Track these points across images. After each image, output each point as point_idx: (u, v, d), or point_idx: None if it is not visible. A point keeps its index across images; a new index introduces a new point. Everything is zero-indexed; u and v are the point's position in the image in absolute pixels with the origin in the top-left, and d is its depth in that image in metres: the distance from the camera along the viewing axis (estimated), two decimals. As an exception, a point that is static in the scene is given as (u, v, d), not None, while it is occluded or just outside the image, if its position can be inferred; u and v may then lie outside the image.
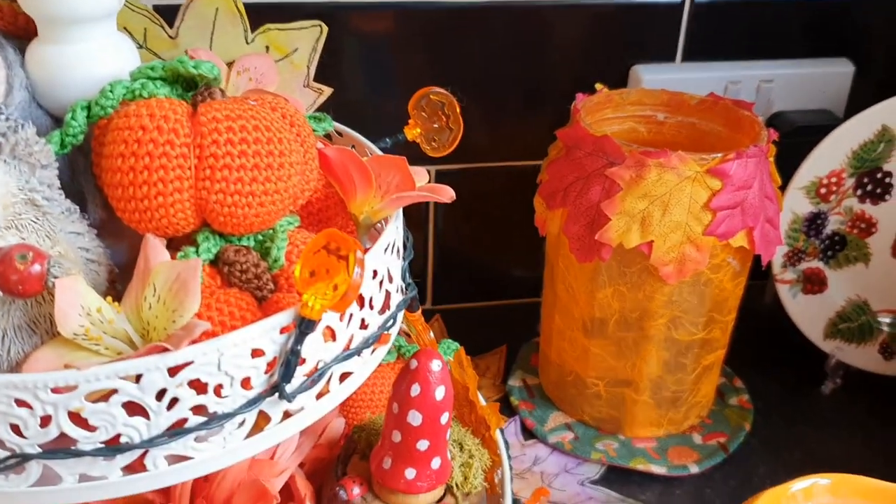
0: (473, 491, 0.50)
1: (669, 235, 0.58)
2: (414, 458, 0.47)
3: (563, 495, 0.62)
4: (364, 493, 0.49)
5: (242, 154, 0.36)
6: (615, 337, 0.64)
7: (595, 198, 0.59)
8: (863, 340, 0.72)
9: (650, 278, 0.60)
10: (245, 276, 0.37)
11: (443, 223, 0.80)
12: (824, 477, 0.42)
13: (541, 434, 0.67)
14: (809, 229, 0.69)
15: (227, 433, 0.35)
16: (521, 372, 0.74)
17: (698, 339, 0.63)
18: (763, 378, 0.74)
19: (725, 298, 0.63)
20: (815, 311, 0.71)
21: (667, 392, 0.65)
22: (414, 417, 0.46)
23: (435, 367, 0.46)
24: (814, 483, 0.42)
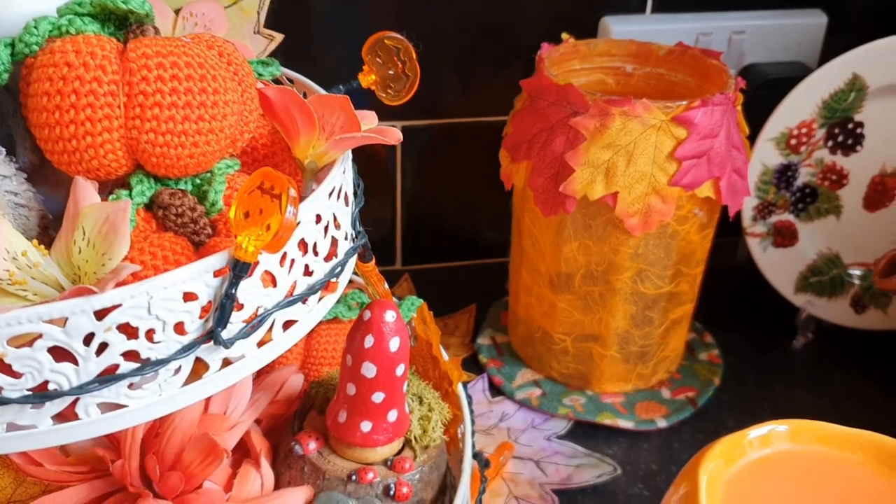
0: (432, 444, 0.49)
1: (634, 186, 0.57)
2: (369, 410, 0.46)
3: (529, 450, 0.61)
4: (320, 447, 0.48)
5: (174, 91, 0.34)
6: (581, 291, 0.63)
7: (559, 149, 0.58)
8: (834, 294, 0.71)
9: (616, 231, 0.59)
10: (181, 220, 0.36)
11: (412, 183, 0.78)
12: (782, 423, 0.41)
13: (508, 391, 0.66)
14: (780, 181, 0.68)
15: (163, 380, 0.34)
16: (490, 330, 0.73)
17: (665, 293, 0.62)
18: (734, 333, 0.74)
19: (693, 251, 0.62)
20: (786, 265, 0.71)
21: (634, 347, 0.65)
22: (368, 369, 0.45)
23: (389, 318, 0.45)
24: (771, 430, 0.41)
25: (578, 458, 0.61)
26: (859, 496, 0.39)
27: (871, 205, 0.70)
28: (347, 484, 0.46)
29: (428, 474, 0.48)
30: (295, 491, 0.47)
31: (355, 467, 0.47)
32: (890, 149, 0.68)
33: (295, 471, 0.48)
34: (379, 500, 0.46)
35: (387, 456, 0.48)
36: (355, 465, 0.47)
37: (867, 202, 0.70)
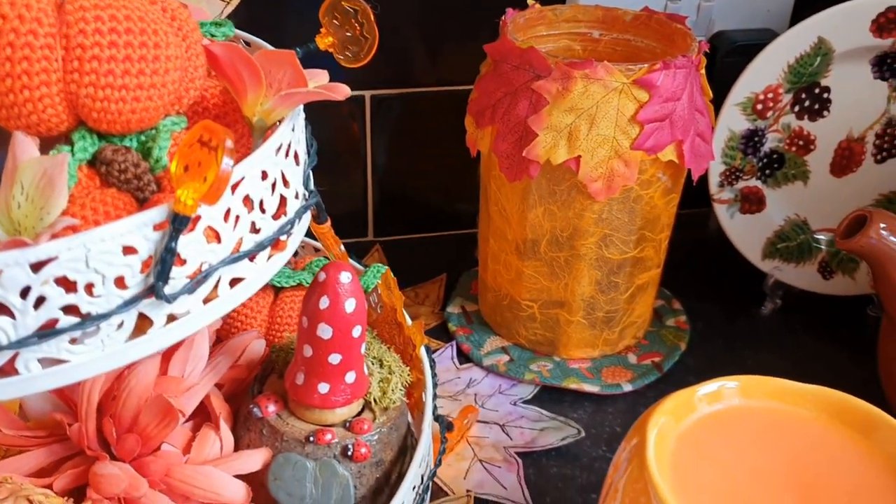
0: (392, 406, 0.49)
1: (597, 150, 0.57)
2: (326, 372, 0.46)
3: (494, 415, 0.61)
4: (279, 410, 0.48)
5: (112, 45, 0.34)
6: (547, 257, 0.63)
7: (522, 113, 0.58)
8: (802, 260, 0.71)
9: (580, 196, 0.59)
10: (124, 177, 0.36)
11: (383, 154, 0.78)
12: (731, 380, 0.41)
13: (476, 358, 0.67)
14: (746, 147, 0.68)
15: (106, 335, 0.34)
16: (460, 299, 0.73)
17: (630, 258, 0.63)
18: (703, 300, 0.74)
19: (657, 216, 0.62)
20: (754, 231, 0.71)
21: (600, 312, 0.65)
22: (324, 331, 0.45)
23: (344, 280, 0.45)
24: (721, 386, 0.41)
25: (543, 421, 0.61)
26: (811, 450, 0.40)
27: (838, 170, 0.70)
28: (305, 445, 0.47)
29: (387, 435, 0.48)
30: (253, 453, 0.47)
31: (313, 429, 0.47)
32: (856, 114, 0.68)
33: (254, 433, 0.48)
34: (337, 460, 0.46)
35: (346, 417, 0.48)
36: (314, 426, 0.47)
37: (834, 167, 0.70)
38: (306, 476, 0.46)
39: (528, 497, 0.55)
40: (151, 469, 0.45)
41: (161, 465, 0.45)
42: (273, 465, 0.47)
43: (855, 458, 0.39)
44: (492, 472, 0.57)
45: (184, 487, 0.45)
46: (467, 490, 0.55)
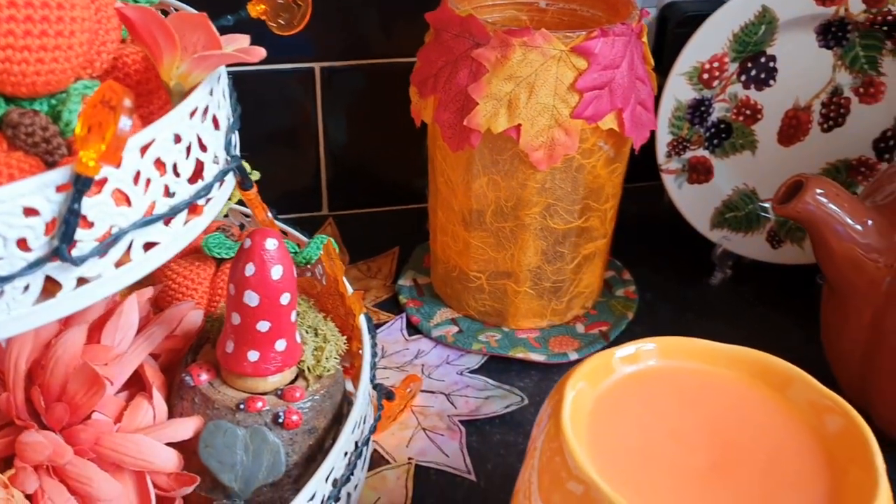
0: (326, 374, 0.49)
1: (537, 119, 0.57)
2: (255, 340, 0.46)
3: (440, 385, 0.62)
4: (212, 378, 0.48)
5: (12, 4, 0.33)
6: (493, 228, 0.63)
7: (463, 82, 0.58)
8: (750, 229, 0.72)
9: (522, 165, 0.59)
10: (32, 140, 0.36)
11: (335, 128, 0.78)
12: (649, 341, 0.42)
13: (425, 329, 0.67)
14: (693, 117, 0.68)
15: (11, 299, 0.33)
16: (412, 272, 0.73)
17: (575, 228, 0.63)
18: (654, 271, 0.75)
19: (601, 186, 0.62)
20: (702, 201, 0.71)
21: (547, 282, 0.65)
22: (251, 298, 0.45)
23: (269, 246, 0.45)
24: (638, 348, 0.41)
25: (488, 390, 0.61)
26: (729, 408, 0.40)
27: (785, 139, 0.70)
28: (236, 413, 0.47)
29: (320, 403, 0.48)
30: (185, 421, 0.47)
31: (244, 397, 0.47)
32: (802, 83, 0.68)
33: (186, 402, 0.48)
34: (268, 427, 0.46)
35: (279, 385, 0.48)
36: (245, 394, 0.47)
37: (782, 137, 0.70)
38: (237, 443, 0.46)
39: (470, 464, 0.55)
40: (81, 437, 0.45)
41: (91, 434, 0.45)
42: (204, 433, 0.47)
43: (772, 415, 0.39)
44: (434, 440, 0.57)
45: (114, 455, 0.45)
46: (409, 458, 0.56)
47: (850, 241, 0.53)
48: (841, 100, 0.68)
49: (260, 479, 0.47)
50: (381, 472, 0.54)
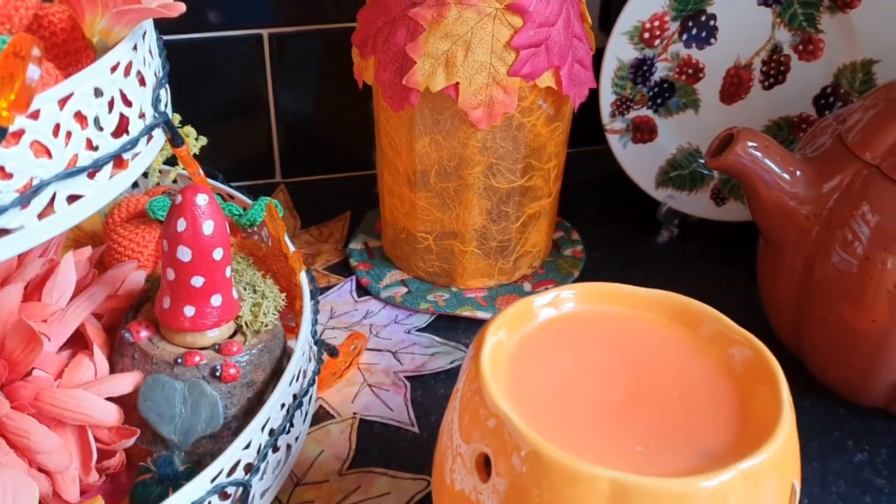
0: (264, 329, 0.50)
1: (474, 77, 0.57)
2: (191, 295, 0.47)
3: (387, 343, 0.63)
4: (152, 335, 0.49)
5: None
6: (437, 188, 0.64)
7: (401, 41, 0.58)
8: (694, 187, 0.73)
9: (462, 124, 0.60)
10: (-52, 93, 0.36)
11: (286, 94, 0.78)
12: (568, 288, 0.43)
13: (375, 291, 0.68)
14: (636, 76, 0.69)
15: (-71, 249, 0.34)
16: (363, 236, 0.74)
17: (518, 187, 0.64)
18: (602, 231, 0.76)
19: (543, 145, 0.63)
20: (646, 161, 0.72)
21: (493, 242, 0.66)
22: (183, 253, 0.46)
23: (200, 202, 0.46)
24: (557, 294, 0.43)
25: (434, 347, 0.62)
26: (645, 348, 0.41)
27: (727, 97, 0.71)
28: (175, 367, 0.48)
29: (258, 357, 0.49)
30: (124, 376, 0.48)
31: (182, 352, 0.48)
32: (743, 41, 0.69)
33: (127, 358, 0.49)
34: (206, 381, 0.47)
35: (217, 340, 0.49)
36: (184, 349, 0.48)
37: (724, 95, 0.71)
38: (175, 396, 0.47)
39: (413, 417, 0.57)
40: (21, 393, 0.46)
41: (31, 390, 0.46)
42: (143, 387, 0.48)
43: (686, 351, 0.41)
44: (379, 396, 0.58)
45: (54, 410, 0.46)
46: (354, 413, 0.57)
47: (779, 190, 0.54)
48: (781, 57, 0.69)
49: (199, 430, 0.48)
50: (325, 426, 0.56)
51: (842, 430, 0.57)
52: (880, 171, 0.52)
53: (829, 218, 0.54)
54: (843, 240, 0.53)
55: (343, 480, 0.52)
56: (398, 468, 0.53)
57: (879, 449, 0.56)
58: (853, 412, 0.58)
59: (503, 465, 0.35)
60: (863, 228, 0.52)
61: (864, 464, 0.55)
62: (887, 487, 0.53)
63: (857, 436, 0.57)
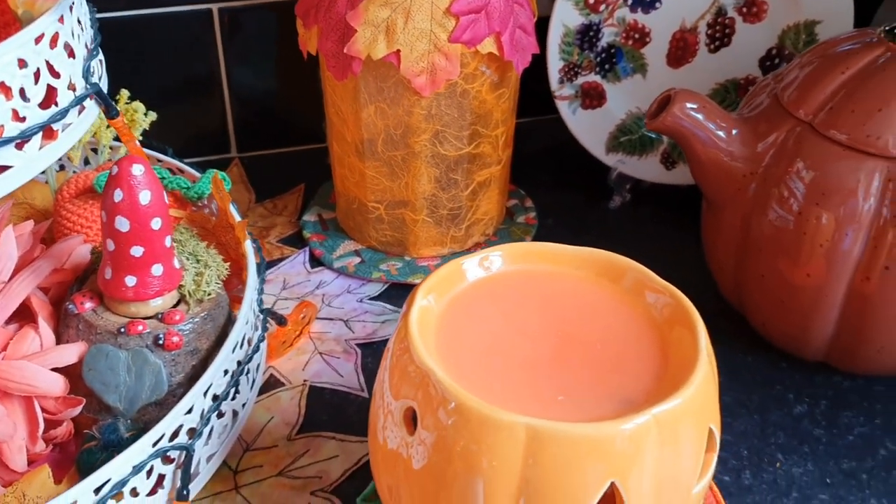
0: (206, 298, 0.51)
1: (415, 44, 0.58)
2: (131, 265, 0.47)
3: (340, 312, 0.63)
4: (96, 306, 0.50)
5: None
6: (385, 157, 0.64)
7: (342, 10, 0.58)
8: (644, 152, 0.74)
9: (406, 92, 0.60)
10: None
11: (238, 69, 0.78)
12: (496, 249, 0.44)
13: (328, 261, 0.68)
14: (583, 42, 0.70)
15: None
16: (317, 208, 0.74)
17: (466, 154, 0.64)
18: (556, 198, 0.76)
19: (489, 111, 0.63)
20: (596, 126, 0.73)
21: (443, 210, 0.67)
22: (121, 224, 0.46)
23: (136, 172, 0.46)
24: (485, 255, 0.43)
25: (386, 314, 0.63)
26: (572, 303, 0.42)
27: (674, 61, 0.72)
28: (118, 336, 0.48)
29: (201, 325, 0.50)
30: (69, 347, 0.49)
31: (126, 321, 0.49)
32: (687, 4, 0.69)
33: (72, 330, 0.50)
34: (149, 349, 0.48)
35: (160, 310, 0.49)
36: (127, 319, 0.49)
37: (670, 59, 0.72)
38: (119, 365, 0.48)
39: (363, 382, 0.57)
40: (-35, 367, 0.47)
41: (-26, 363, 0.47)
42: (87, 357, 0.48)
43: (612, 305, 0.42)
44: (330, 363, 0.59)
45: (-1, 382, 0.47)
46: (304, 380, 0.57)
47: (716, 149, 0.55)
48: (725, 20, 0.70)
49: (144, 398, 0.48)
50: (275, 393, 0.56)
51: (783, 383, 0.58)
52: (812, 127, 0.53)
53: (764, 175, 0.55)
54: (778, 197, 0.54)
55: (292, 445, 0.53)
56: (347, 432, 0.54)
57: (819, 401, 0.57)
58: (795, 366, 0.60)
59: (429, 418, 0.36)
60: (797, 185, 0.53)
61: (803, 415, 0.56)
62: (825, 437, 0.54)
63: (798, 389, 0.58)
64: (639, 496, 0.35)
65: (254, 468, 0.51)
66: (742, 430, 0.55)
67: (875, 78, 0.52)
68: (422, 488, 0.38)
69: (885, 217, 0.50)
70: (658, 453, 0.35)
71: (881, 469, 0.52)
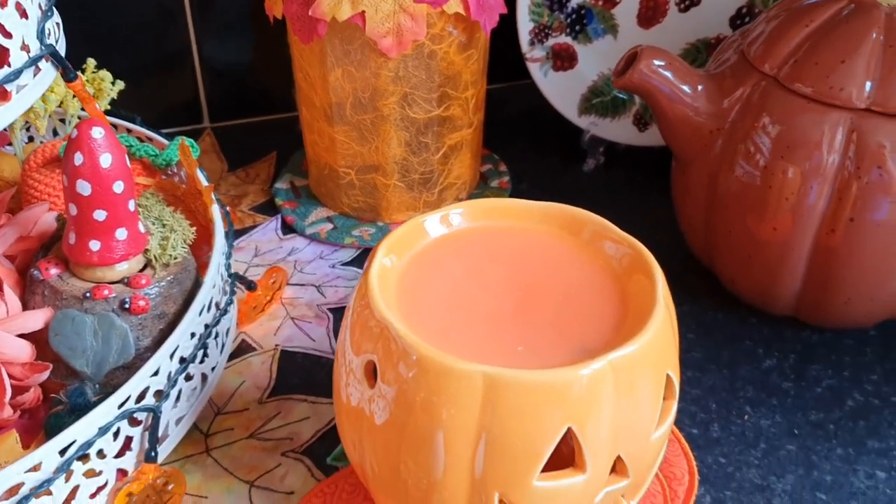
0: (172, 262, 0.50)
1: (381, 5, 0.57)
2: (94, 229, 0.47)
3: (312, 277, 0.63)
4: (62, 272, 0.50)
5: None
6: (354, 121, 0.64)
7: (306, -27, 0.58)
8: (616, 113, 0.74)
9: (373, 54, 0.60)
10: None
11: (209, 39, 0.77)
12: (457, 206, 0.43)
13: (300, 228, 0.68)
14: (553, 3, 0.69)
15: None
16: (289, 175, 0.74)
17: (436, 117, 0.64)
18: (531, 162, 0.76)
19: (457, 73, 0.63)
20: (568, 88, 0.73)
21: (415, 174, 0.66)
22: (83, 187, 0.46)
23: (96, 135, 0.46)
24: (446, 212, 0.43)
25: (358, 279, 0.63)
26: (535, 257, 0.42)
27: (644, 21, 0.72)
28: (84, 301, 0.48)
29: (168, 289, 0.50)
30: (35, 313, 0.49)
31: (91, 286, 0.48)
32: (657, -37, 0.69)
33: (38, 296, 0.49)
34: (116, 313, 0.48)
35: (126, 274, 0.49)
36: (93, 284, 0.49)
37: (641, 19, 0.71)
38: (85, 330, 0.48)
39: (335, 346, 0.58)
40: (-70, 334, 0.47)
41: (-60, 331, 0.47)
42: (53, 322, 0.48)
43: (574, 257, 0.42)
44: (302, 328, 0.59)
45: (-36, 349, 0.47)
46: (276, 345, 0.58)
47: (683, 105, 0.55)
48: (695, -21, 0.70)
49: (111, 362, 0.48)
50: (246, 358, 0.56)
51: (753, 338, 0.59)
52: (777, 81, 0.53)
53: (730, 131, 0.55)
54: (744, 152, 0.54)
55: (263, 408, 0.53)
56: (318, 394, 0.54)
57: (788, 355, 0.58)
58: (764, 322, 0.60)
59: (389, 372, 0.36)
60: (763, 139, 0.53)
61: (772, 369, 0.56)
62: (793, 390, 0.55)
63: (767, 343, 0.58)
64: (596, 441, 0.35)
65: (225, 431, 0.51)
66: (711, 384, 0.55)
67: (838, 30, 0.52)
68: (384, 443, 0.38)
69: (849, 169, 0.51)
70: (614, 399, 0.35)
71: (848, 419, 0.53)
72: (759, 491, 0.49)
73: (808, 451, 0.51)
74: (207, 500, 0.47)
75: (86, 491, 0.43)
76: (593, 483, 0.36)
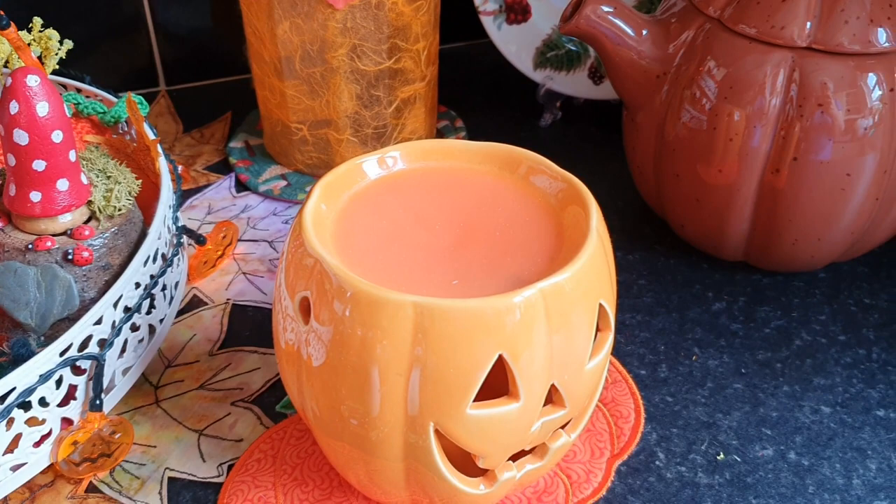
0: (117, 214, 0.50)
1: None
2: (34, 180, 0.47)
3: (264, 234, 0.63)
4: (4, 225, 0.49)
5: None
6: (304, 74, 0.63)
7: (249, -76, 0.57)
8: (572, 67, 0.74)
9: (320, 5, 0.59)
10: None
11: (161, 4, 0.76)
12: (392, 149, 0.43)
13: (253, 186, 0.68)
14: (504, -45, 0.69)
15: None
16: (244, 135, 0.73)
17: (386, 69, 0.64)
18: (488, 118, 0.76)
19: (407, 24, 0.63)
20: (522, 42, 0.72)
21: (368, 129, 0.66)
22: (20, 137, 0.46)
23: (31, 83, 0.45)
24: (383, 154, 0.43)
25: (310, 234, 0.63)
26: (476, 195, 0.42)
27: (597, -27, 0.71)
28: (26, 254, 0.48)
29: (112, 241, 0.49)
30: (-24, 267, 0.48)
31: (33, 238, 0.48)
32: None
33: (-20, 251, 0.49)
34: (59, 265, 0.48)
35: (69, 226, 0.49)
36: (36, 236, 0.48)
37: (593, -29, 0.71)
38: (28, 281, 0.47)
39: (287, 299, 0.58)
40: None
41: None
42: (-6, 276, 0.48)
43: (511, 196, 0.42)
44: (254, 282, 0.59)
45: None
46: (227, 299, 0.57)
47: (629, 49, 0.55)
48: (647, -71, 0.70)
49: (56, 313, 0.48)
50: (197, 312, 0.56)
51: (703, 283, 0.59)
52: (721, 23, 0.53)
53: (676, 75, 0.55)
54: (690, 96, 0.54)
55: (213, 360, 0.53)
56: (268, 346, 0.54)
57: (738, 297, 0.58)
58: (715, 267, 0.60)
59: (324, 311, 0.36)
60: (708, 83, 0.53)
61: (721, 312, 0.57)
62: (742, 331, 0.56)
63: (718, 287, 0.59)
64: (529, 369, 0.35)
65: (175, 383, 0.51)
66: (660, 327, 0.56)
67: (780, -30, 0.52)
68: (323, 384, 0.38)
69: (792, 109, 0.51)
70: (546, 327, 0.35)
71: (795, 358, 0.54)
72: (706, 428, 0.49)
73: (755, 389, 0.52)
74: (156, 450, 0.47)
75: (29, 439, 0.43)
76: (528, 412, 0.36)
